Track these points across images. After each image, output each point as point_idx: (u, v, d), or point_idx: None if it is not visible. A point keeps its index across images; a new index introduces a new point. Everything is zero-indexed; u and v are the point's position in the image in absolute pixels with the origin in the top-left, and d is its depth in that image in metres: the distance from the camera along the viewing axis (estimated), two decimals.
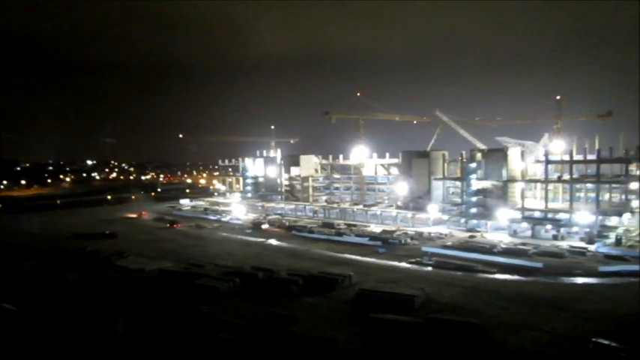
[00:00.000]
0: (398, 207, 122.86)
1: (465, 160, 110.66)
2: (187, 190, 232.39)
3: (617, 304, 51.50)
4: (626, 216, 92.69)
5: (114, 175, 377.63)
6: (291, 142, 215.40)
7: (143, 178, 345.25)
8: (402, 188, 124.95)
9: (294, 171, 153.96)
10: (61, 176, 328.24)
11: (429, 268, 71.77)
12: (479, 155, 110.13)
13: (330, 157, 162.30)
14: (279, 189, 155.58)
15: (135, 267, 75.81)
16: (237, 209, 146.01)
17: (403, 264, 75.02)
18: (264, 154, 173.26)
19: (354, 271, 66.45)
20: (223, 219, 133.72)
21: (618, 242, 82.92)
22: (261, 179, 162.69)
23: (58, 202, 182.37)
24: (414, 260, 76.02)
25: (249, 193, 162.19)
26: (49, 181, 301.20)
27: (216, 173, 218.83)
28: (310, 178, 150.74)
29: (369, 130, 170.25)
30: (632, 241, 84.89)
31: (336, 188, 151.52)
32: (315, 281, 61.50)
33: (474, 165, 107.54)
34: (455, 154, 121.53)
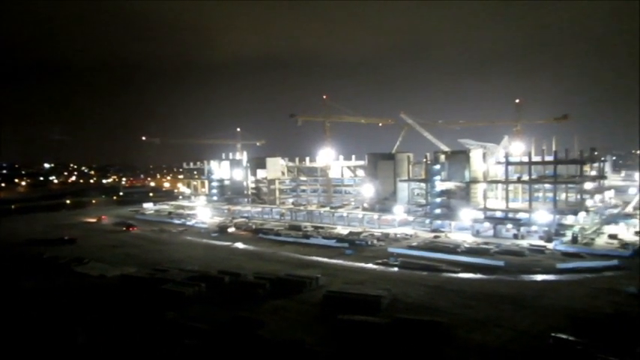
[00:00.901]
0: (364, 209, 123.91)
1: (429, 162, 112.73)
2: (151, 194, 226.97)
3: (574, 299, 53.55)
4: (582, 215, 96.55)
5: (73, 178, 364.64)
6: (258, 144, 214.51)
7: (104, 181, 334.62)
8: (368, 190, 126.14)
9: (261, 173, 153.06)
10: (16, 180, 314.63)
11: (395, 269, 72.65)
12: (442, 157, 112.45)
13: (297, 159, 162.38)
14: (245, 192, 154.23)
15: (95, 273, 73.40)
16: (202, 213, 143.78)
17: (370, 265, 75.63)
18: (230, 156, 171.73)
19: (322, 273, 66.53)
20: (188, 223, 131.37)
21: (574, 240, 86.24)
22: (227, 182, 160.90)
23: (13, 207, 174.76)
24: (380, 261, 76.76)
25: (214, 196, 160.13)
26: (2, 185, 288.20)
27: (181, 176, 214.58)
28: (277, 181, 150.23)
29: (335, 133, 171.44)
30: (587, 239, 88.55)
31: (303, 190, 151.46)
32: (282, 284, 61.19)
33: (437, 167, 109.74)
34: (419, 156, 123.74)
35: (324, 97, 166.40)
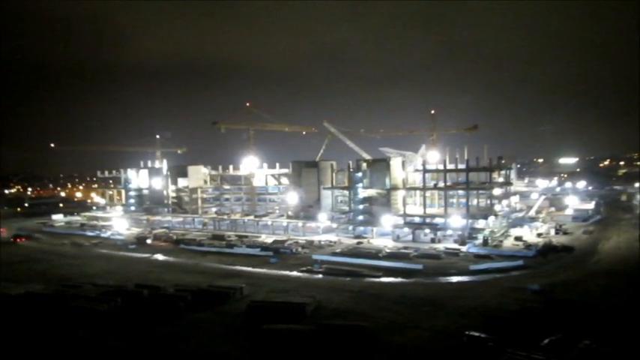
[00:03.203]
0: (289, 216, 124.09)
1: (351, 170, 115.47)
2: (61, 205, 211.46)
3: (485, 298, 57.14)
4: (491, 219, 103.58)
5: None
6: (179, 152, 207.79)
7: (7, 192, 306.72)
8: (292, 198, 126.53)
9: (182, 182, 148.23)
10: None
11: (320, 276, 73.35)
12: (364, 165, 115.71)
13: (220, 167, 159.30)
14: (165, 201, 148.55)
15: None
16: (118, 224, 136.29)
17: (294, 273, 75.72)
18: (149, 164, 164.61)
19: (246, 283, 65.52)
20: (103, 235, 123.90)
21: (485, 242, 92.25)
22: (145, 191, 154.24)
23: None
24: (305, 268, 77.12)
25: (132, 206, 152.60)
26: None
27: (95, 186, 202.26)
28: (199, 190, 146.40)
29: (259, 141, 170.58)
30: (496, 241, 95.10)
31: (227, 199, 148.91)
32: (205, 296, 59.39)
33: (360, 174, 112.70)
34: (342, 164, 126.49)
35: (248, 104, 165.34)
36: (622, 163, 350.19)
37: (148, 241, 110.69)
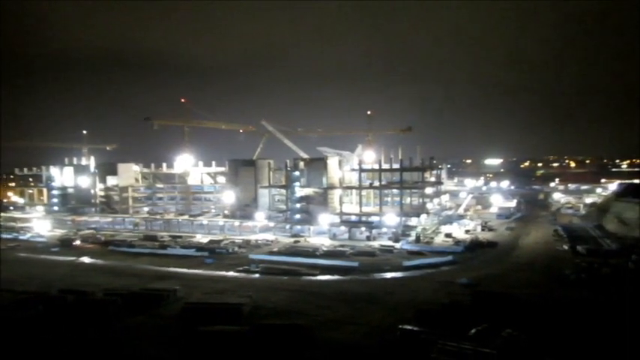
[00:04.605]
0: (225, 216, 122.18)
1: (289, 169, 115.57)
2: None
3: (418, 293, 59.47)
4: (423, 216, 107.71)
5: None
6: (108, 148, 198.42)
7: None
8: (229, 197, 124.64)
9: (111, 180, 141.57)
10: None
11: (257, 275, 72.84)
12: (302, 164, 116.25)
13: (153, 165, 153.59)
14: (93, 201, 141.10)
15: None
16: (40, 225, 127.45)
17: (231, 273, 74.67)
18: (75, 161, 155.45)
19: (181, 285, 63.73)
20: (22, 237, 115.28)
21: (417, 239, 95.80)
22: (70, 190, 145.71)
23: None
24: (241, 268, 76.25)
25: (55, 206, 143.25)
26: None
27: (13, 184, 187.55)
28: (130, 188, 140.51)
29: (194, 138, 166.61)
30: (427, 238, 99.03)
31: (160, 198, 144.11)
32: (137, 299, 57.00)
33: (297, 173, 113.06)
34: (280, 163, 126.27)
35: (183, 100, 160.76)
36: (540, 164, 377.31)
37: (74, 243, 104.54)
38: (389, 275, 71.36)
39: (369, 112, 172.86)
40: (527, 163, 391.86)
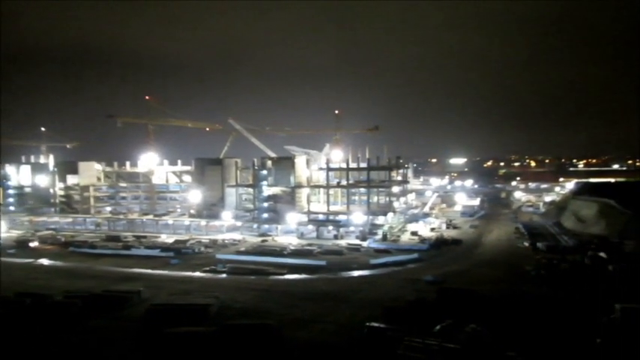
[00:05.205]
0: (191, 215, 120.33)
1: (256, 168, 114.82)
2: None
3: (385, 290, 60.18)
4: (390, 215, 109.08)
5: None
6: (68, 146, 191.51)
7: None
8: (195, 196, 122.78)
9: (72, 179, 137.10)
10: None
11: (224, 275, 72.09)
12: (269, 163, 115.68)
13: (116, 164, 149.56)
14: (52, 200, 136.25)
15: None
16: None
17: (197, 273, 73.61)
18: (33, 159, 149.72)
19: (145, 286, 62.40)
20: None
21: (384, 237, 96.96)
22: (28, 189, 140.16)
23: None
24: (208, 269, 75.27)
25: (11, 206, 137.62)
26: None
27: None
28: (92, 188, 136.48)
29: (159, 136, 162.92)
30: (394, 236, 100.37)
31: (123, 198, 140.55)
32: (99, 302, 55.40)
33: (265, 172, 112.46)
34: (247, 162, 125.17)
35: (148, 98, 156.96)
36: (502, 164, 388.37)
37: (32, 245, 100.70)
38: (356, 273, 71.91)
39: (336, 112, 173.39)
40: (490, 163, 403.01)
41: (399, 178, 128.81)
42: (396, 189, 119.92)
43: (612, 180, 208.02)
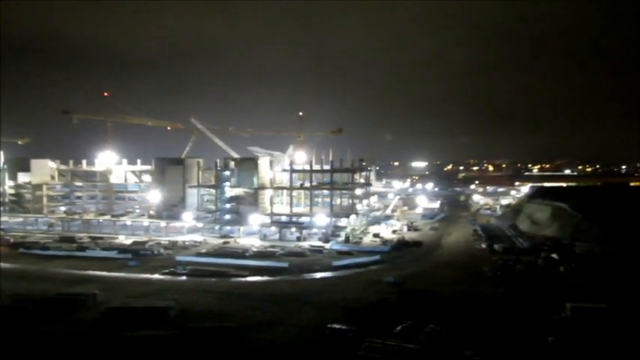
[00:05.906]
0: (151, 216, 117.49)
1: (219, 168, 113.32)
2: None
3: (347, 292, 60.49)
4: (353, 217, 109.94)
5: None
6: (20, 142, 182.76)
7: None
8: (154, 196, 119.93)
9: (23, 177, 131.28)
10: None
11: (184, 278, 70.62)
12: (232, 164, 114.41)
13: (71, 162, 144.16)
14: (1, 199, 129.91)
15: None
16: None
17: (156, 275, 71.83)
18: None
19: (101, 289, 60.26)
20: None
21: (347, 240, 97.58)
22: None
23: None
24: (167, 271, 73.56)
25: None
26: None
27: None
28: (44, 186, 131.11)
29: (118, 134, 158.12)
30: (356, 238, 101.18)
31: (79, 197, 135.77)
32: (51, 305, 53.14)
33: (227, 173, 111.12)
34: (210, 162, 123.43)
35: (106, 94, 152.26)
36: (461, 167, 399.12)
37: None
38: (319, 275, 72.01)
39: (300, 114, 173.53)
40: (450, 167, 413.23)
41: (362, 180, 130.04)
42: (358, 191, 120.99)
43: (564, 184, 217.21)
